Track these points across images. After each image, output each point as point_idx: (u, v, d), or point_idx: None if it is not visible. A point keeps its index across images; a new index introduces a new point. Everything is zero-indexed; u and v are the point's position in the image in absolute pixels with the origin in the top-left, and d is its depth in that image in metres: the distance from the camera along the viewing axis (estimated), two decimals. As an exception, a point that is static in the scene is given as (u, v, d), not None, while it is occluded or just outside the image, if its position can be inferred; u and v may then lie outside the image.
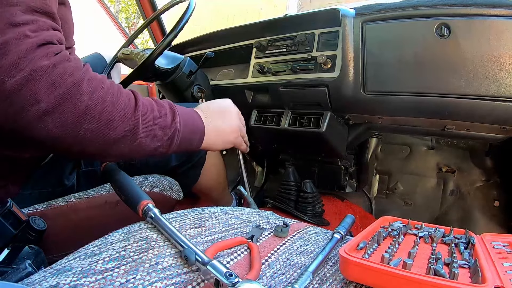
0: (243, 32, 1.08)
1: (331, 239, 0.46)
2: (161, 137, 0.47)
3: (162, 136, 0.47)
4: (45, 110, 0.36)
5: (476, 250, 0.40)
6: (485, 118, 0.72)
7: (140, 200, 0.41)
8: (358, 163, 1.21)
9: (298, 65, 0.90)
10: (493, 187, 1.08)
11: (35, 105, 0.35)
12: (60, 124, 0.37)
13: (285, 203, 1.08)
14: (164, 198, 0.72)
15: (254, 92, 1.06)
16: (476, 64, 0.66)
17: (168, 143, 0.48)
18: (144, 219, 0.41)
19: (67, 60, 0.38)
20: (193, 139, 0.53)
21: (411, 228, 0.50)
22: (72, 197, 0.58)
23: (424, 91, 0.73)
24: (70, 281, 0.29)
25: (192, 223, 0.43)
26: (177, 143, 0.49)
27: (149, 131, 0.45)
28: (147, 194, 0.42)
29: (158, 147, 0.47)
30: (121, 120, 0.41)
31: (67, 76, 0.37)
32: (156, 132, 0.46)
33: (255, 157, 1.49)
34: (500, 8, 0.63)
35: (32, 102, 0.35)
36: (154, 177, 0.72)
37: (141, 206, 0.40)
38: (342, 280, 0.37)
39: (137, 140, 0.43)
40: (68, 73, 0.37)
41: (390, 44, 0.76)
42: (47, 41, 0.37)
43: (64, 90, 0.37)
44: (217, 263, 0.31)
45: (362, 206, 1.25)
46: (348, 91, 0.82)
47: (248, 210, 0.53)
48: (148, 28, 1.47)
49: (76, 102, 0.37)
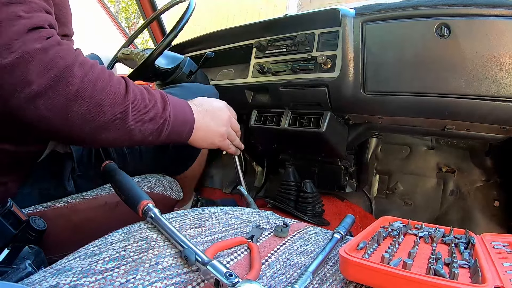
0: (243, 32, 1.08)
1: (331, 239, 0.46)
2: (151, 126, 0.47)
3: (152, 125, 0.47)
4: (37, 92, 0.36)
5: (476, 250, 0.40)
6: (485, 118, 0.72)
7: (140, 200, 0.41)
8: (358, 163, 1.21)
9: (298, 65, 0.90)
10: (493, 187, 1.08)
11: (26, 87, 0.36)
12: (51, 107, 0.38)
13: (285, 203, 1.08)
14: (164, 199, 0.72)
15: (254, 92, 1.06)
16: (476, 64, 0.66)
17: (158, 133, 0.49)
18: (144, 219, 0.41)
19: (58, 44, 0.39)
20: (182, 131, 0.54)
21: (411, 228, 0.50)
22: (72, 198, 0.58)
23: (424, 91, 0.73)
24: (70, 281, 0.29)
25: (192, 223, 0.43)
26: (166, 133, 0.50)
27: (138, 119, 0.45)
28: (147, 194, 0.42)
29: (148, 136, 0.48)
30: (111, 105, 0.42)
31: (59, 59, 0.38)
32: (146, 120, 0.46)
33: (255, 157, 1.49)
34: (500, 8, 0.63)
35: (24, 84, 0.36)
36: (154, 177, 0.72)
37: (141, 206, 0.40)
38: (342, 280, 0.37)
39: (127, 126, 0.44)
40: (60, 56, 0.38)
41: (390, 44, 0.76)
42: (39, 25, 0.38)
43: (56, 72, 0.37)
44: (217, 263, 0.31)
45: (362, 206, 1.25)
46: (348, 91, 0.82)
47: (248, 210, 0.53)
48: (148, 28, 1.47)
49: (67, 85, 0.38)
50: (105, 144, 0.46)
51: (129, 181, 0.45)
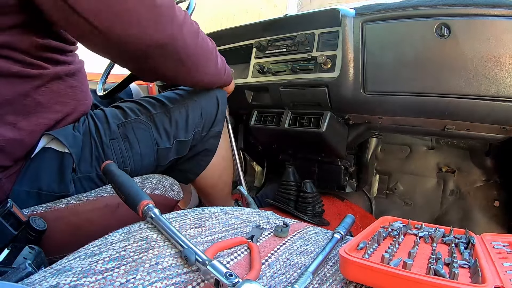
0: (243, 32, 1.08)
1: (331, 239, 0.46)
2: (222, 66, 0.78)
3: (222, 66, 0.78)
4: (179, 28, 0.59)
5: (476, 250, 0.40)
6: (485, 118, 0.72)
7: (141, 200, 0.41)
8: (358, 163, 1.21)
9: (298, 65, 0.90)
10: (493, 187, 1.08)
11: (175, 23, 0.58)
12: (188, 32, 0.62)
13: (285, 203, 1.08)
14: (165, 200, 0.72)
15: (254, 92, 1.06)
16: (476, 64, 0.66)
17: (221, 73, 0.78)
18: (144, 219, 0.41)
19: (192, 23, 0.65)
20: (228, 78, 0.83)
21: (411, 228, 0.50)
22: (73, 199, 0.58)
23: (424, 91, 0.73)
24: (70, 281, 0.29)
25: (192, 223, 0.43)
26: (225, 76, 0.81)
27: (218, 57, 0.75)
28: (147, 194, 0.42)
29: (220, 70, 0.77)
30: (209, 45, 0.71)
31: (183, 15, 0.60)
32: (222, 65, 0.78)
33: (255, 157, 1.49)
34: (500, 8, 0.63)
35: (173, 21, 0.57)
36: (155, 178, 0.72)
37: (141, 206, 0.40)
38: (342, 280, 0.37)
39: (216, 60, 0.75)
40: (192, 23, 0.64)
41: (390, 44, 0.76)
42: None
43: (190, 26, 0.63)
44: (217, 263, 0.31)
45: (362, 206, 1.25)
46: (348, 91, 0.82)
47: (248, 210, 0.53)
48: (148, 28, 1.47)
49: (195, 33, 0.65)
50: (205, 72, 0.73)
51: (129, 181, 0.45)
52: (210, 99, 0.80)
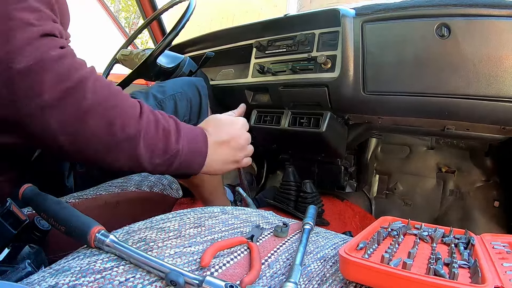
0: (243, 32, 1.08)
1: (303, 230, 0.46)
2: (162, 155, 0.43)
3: (163, 155, 0.43)
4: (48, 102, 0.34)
5: (476, 250, 0.40)
6: (485, 119, 0.72)
7: (90, 228, 0.35)
8: (358, 163, 1.21)
9: (298, 65, 0.90)
10: (493, 187, 1.08)
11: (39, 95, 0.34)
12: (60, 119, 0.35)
13: (285, 203, 1.08)
14: (163, 198, 0.72)
15: (254, 92, 1.06)
16: (476, 64, 0.66)
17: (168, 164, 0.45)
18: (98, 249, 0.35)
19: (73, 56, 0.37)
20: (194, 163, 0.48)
21: (411, 228, 0.50)
22: (71, 198, 0.58)
23: (424, 91, 0.73)
24: (69, 281, 0.29)
25: (192, 222, 0.43)
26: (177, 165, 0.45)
27: (149, 145, 0.42)
28: (92, 219, 0.37)
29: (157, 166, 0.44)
30: (122, 126, 0.39)
31: (74, 71, 0.36)
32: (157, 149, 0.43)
33: (255, 157, 1.49)
34: (500, 8, 0.63)
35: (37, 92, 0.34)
36: (153, 176, 0.72)
37: (92, 235, 0.34)
38: (342, 280, 0.37)
39: (136, 152, 0.41)
40: (75, 68, 0.36)
41: (390, 44, 0.76)
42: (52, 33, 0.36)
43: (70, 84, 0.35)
44: (211, 279, 0.29)
45: (362, 206, 1.25)
46: (348, 91, 0.82)
47: (248, 210, 0.53)
48: (148, 28, 1.47)
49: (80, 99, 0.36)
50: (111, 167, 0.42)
51: (65, 206, 0.39)
52: (194, 90, 0.83)
